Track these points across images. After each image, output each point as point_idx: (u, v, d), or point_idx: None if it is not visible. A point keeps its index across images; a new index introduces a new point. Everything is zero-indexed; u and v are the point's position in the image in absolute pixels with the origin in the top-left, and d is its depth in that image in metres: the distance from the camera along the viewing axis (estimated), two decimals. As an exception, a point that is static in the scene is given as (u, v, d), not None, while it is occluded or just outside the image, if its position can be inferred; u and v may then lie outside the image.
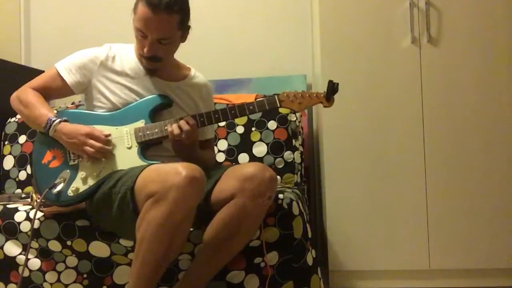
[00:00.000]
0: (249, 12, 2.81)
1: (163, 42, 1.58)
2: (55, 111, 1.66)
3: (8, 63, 2.52)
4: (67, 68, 1.67)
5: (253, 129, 2.26)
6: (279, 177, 2.16)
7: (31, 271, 1.67)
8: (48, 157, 1.62)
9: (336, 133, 2.20)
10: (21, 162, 2.31)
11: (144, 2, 1.52)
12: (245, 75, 2.72)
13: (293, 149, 2.23)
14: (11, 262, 1.68)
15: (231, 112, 1.61)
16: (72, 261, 1.66)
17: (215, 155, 2.03)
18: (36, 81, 1.70)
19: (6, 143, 2.37)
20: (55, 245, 1.63)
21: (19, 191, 2.28)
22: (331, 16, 2.22)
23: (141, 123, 1.62)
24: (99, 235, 1.60)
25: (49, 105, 1.68)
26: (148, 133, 1.60)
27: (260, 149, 2.23)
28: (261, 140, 2.24)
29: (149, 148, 1.63)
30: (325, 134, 2.21)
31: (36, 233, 1.62)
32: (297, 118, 2.29)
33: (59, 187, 1.55)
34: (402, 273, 2.17)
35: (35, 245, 1.65)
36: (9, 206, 1.75)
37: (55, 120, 1.58)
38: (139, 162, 1.56)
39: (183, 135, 1.55)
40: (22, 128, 2.35)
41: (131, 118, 1.63)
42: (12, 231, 1.67)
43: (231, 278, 1.59)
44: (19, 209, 1.71)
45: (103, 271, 1.64)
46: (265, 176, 1.44)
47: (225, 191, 1.47)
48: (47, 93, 1.69)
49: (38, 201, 1.57)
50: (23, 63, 2.89)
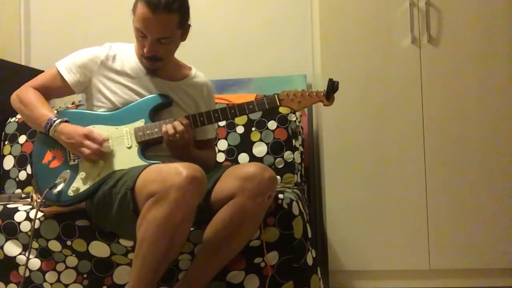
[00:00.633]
0: (249, 12, 2.81)
1: (163, 41, 1.58)
2: (55, 111, 1.66)
3: (8, 63, 2.52)
4: (68, 67, 1.67)
5: (253, 129, 2.26)
6: (279, 177, 2.16)
7: (31, 271, 1.66)
8: (48, 157, 1.62)
9: (336, 133, 2.20)
10: (21, 162, 2.31)
11: (143, 2, 1.52)
12: (245, 75, 2.72)
13: (293, 149, 2.23)
14: (11, 262, 1.67)
15: (231, 111, 1.60)
16: (72, 261, 1.65)
17: (216, 155, 2.03)
18: (36, 81, 1.70)
19: (6, 143, 2.36)
20: (55, 245, 1.63)
21: (19, 191, 2.28)
22: (331, 16, 2.22)
23: (141, 123, 1.62)
24: (99, 235, 1.59)
25: (50, 105, 1.68)
26: (148, 132, 1.60)
27: (260, 149, 2.23)
28: (261, 140, 2.24)
29: (149, 147, 1.63)
30: (325, 134, 2.21)
31: (36, 233, 1.62)
32: (297, 118, 2.29)
33: (60, 187, 1.55)
34: (402, 273, 2.17)
35: (35, 245, 1.65)
36: (9, 206, 1.75)
37: (55, 120, 1.58)
38: (139, 161, 1.56)
39: (177, 135, 1.55)
40: (22, 128, 2.35)
41: (131, 117, 1.63)
42: (12, 231, 1.67)
43: (231, 278, 1.59)
44: (19, 209, 1.71)
45: (103, 271, 1.64)
46: (265, 175, 1.45)
47: (225, 191, 1.47)
48: (48, 93, 1.69)
49: (38, 201, 1.57)
50: (23, 63, 2.89)
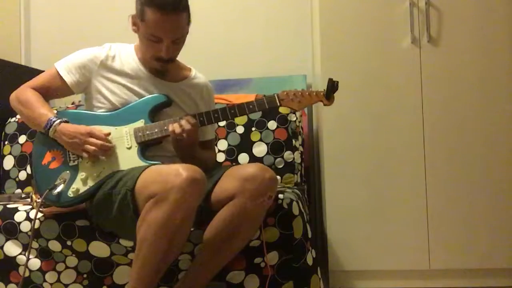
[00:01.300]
0: (249, 12, 2.81)
1: (177, 41, 1.59)
2: (55, 112, 1.66)
3: (8, 63, 2.52)
4: (67, 68, 1.67)
5: (253, 129, 2.26)
6: (279, 177, 2.16)
7: (31, 271, 1.67)
8: (48, 158, 1.61)
9: (336, 133, 2.20)
10: (21, 162, 2.31)
11: (153, 7, 1.52)
12: (245, 75, 2.72)
13: (293, 149, 2.23)
14: (11, 262, 1.67)
15: (231, 111, 1.60)
16: (72, 261, 1.66)
17: (216, 156, 2.03)
18: (35, 81, 1.69)
19: (6, 143, 2.36)
20: (55, 245, 1.63)
21: (19, 191, 2.28)
22: (331, 16, 2.22)
23: (140, 123, 1.62)
24: (99, 235, 1.59)
25: (49, 105, 1.68)
26: (147, 133, 1.60)
27: (260, 149, 2.23)
28: (261, 140, 2.24)
29: (148, 148, 1.62)
30: (325, 134, 2.21)
31: (36, 233, 1.62)
32: (297, 118, 2.29)
33: (59, 188, 1.55)
34: (402, 273, 2.17)
35: (35, 245, 1.65)
36: (9, 206, 1.75)
37: (55, 120, 1.58)
38: (139, 162, 1.56)
39: (184, 134, 1.55)
40: (22, 128, 2.35)
41: (130, 118, 1.63)
42: (12, 231, 1.67)
43: (231, 278, 1.59)
44: (19, 209, 1.71)
45: (103, 271, 1.64)
46: (265, 176, 1.45)
47: (225, 191, 1.47)
48: (47, 93, 1.68)
49: (38, 201, 1.57)
50: (23, 63, 2.89)
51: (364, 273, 2.19)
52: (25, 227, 1.66)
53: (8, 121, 2.41)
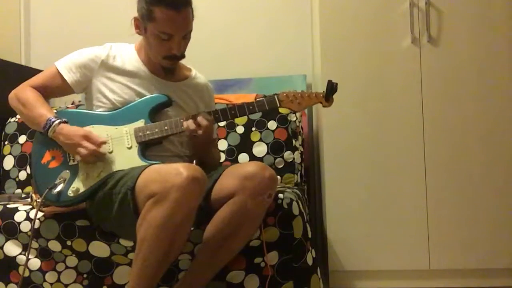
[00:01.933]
0: (249, 12, 2.81)
1: (187, 37, 1.60)
2: (54, 111, 1.65)
3: (8, 63, 2.52)
4: (68, 67, 1.67)
5: (253, 129, 2.26)
6: (279, 177, 2.16)
7: (31, 271, 1.66)
8: (47, 157, 1.61)
9: (336, 133, 2.20)
10: (21, 162, 2.31)
11: (162, 5, 1.52)
12: (245, 75, 2.72)
13: (293, 149, 2.23)
14: (11, 262, 1.67)
15: (231, 112, 1.61)
16: (72, 261, 1.65)
17: (220, 155, 2.04)
18: (35, 80, 1.69)
19: (6, 143, 2.36)
20: (55, 245, 1.63)
21: (19, 191, 2.28)
22: (331, 16, 2.22)
23: (141, 123, 1.62)
24: (99, 235, 1.59)
25: (49, 104, 1.67)
26: (148, 133, 1.60)
27: (260, 149, 2.23)
28: (261, 140, 2.24)
29: (149, 148, 1.62)
30: (325, 134, 2.21)
31: (36, 233, 1.62)
32: (297, 118, 2.29)
33: (59, 188, 1.55)
34: (402, 273, 2.17)
35: (35, 245, 1.65)
36: (9, 206, 1.74)
37: (54, 121, 1.57)
38: (139, 162, 1.55)
39: (200, 131, 1.55)
40: (22, 128, 2.35)
41: (131, 117, 1.62)
42: (12, 231, 1.67)
43: (231, 278, 1.59)
44: (19, 209, 1.70)
45: (103, 271, 1.64)
46: (265, 174, 1.45)
47: (225, 190, 1.47)
48: (47, 92, 1.68)
49: (38, 201, 1.57)
50: (23, 63, 2.89)
51: (364, 273, 2.19)
52: (25, 227, 1.65)
53: (8, 121, 2.41)
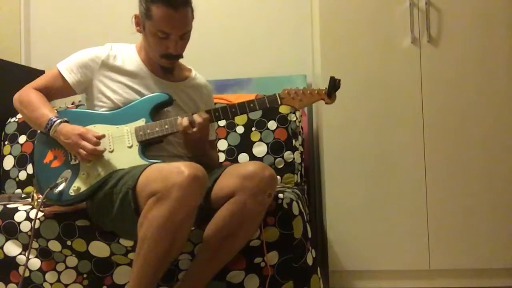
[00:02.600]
0: (249, 12, 2.82)
1: (185, 36, 1.60)
2: (55, 111, 1.66)
3: (8, 63, 2.52)
4: (69, 68, 1.67)
5: (253, 129, 2.26)
6: (279, 177, 2.16)
7: (31, 271, 1.66)
8: (49, 157, 1.62)
9: (336, 133, 2.20)
10: (21, 162, 2.31)
11: (159, 3, 1.52)
12: (245, 75, 2.72)
13: (293, 149, 2.23)
14: (11, 262, 1.67)
15: (232, 110, 1.60)
16: (72, 261, 1.65)
17: (218, 156, 2.03)
18: (38, 82, 1.70)
19: (6, 143, 2.37)
20: (55, 245, 1.63)
21: (19, 191, 2.28)
22: (331, 16, 2.22)
23: (141, 122, 1.62)
24: (99, 235, 1.59)
25: (51, 105, 1.68)
26: (148, 132, 1.60)
27: (260, 149, 2.23)
28: (261, 140, 2.24)
29: (149, 147, 1.62)
30: (325, 134, 2.21)
31: (36, 233, 1.62)
32: (297, 118, 2.29)
33: (61, 187, 1.55)
34: (402, 273, 2.17)
35: (35, 245, 1.65)
36: (9, 206, 1.74)
37: (55, 120, 1.58)
38: (140, 161, 1.56)
39: (195, 129, 1.55)
40: (22, 128, 2.36)
41: (131, 117, 1.63)
42: (12, 231, 1.67)
43: (231, 278, 1.59)
44: (19, 209, 1.71)
45: (103, 271, 1.64)
46: (265, 174, 1.45)
47: (225, 189, 1.47)
48: (49, 93, 1.69)
49: (39, 200, 1.57)
50: (23, 63, 2.89)
51: (364, 273, 2.19)
52: (25, 227, 1.65)
53: (8, 121, 2.41)
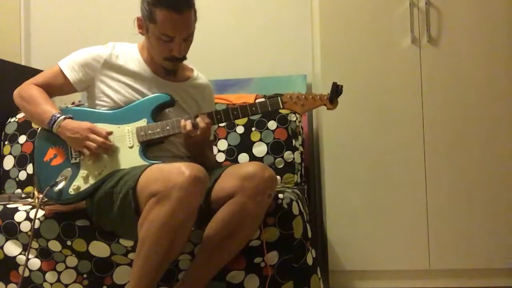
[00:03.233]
0: (249, 12, 2.81)
1: (188, 39, 1.60)
2: (58, 108, 1.65)
3: (8, 63, 2.51)
4: (70, 66, 1.67)
5: (253, 129, 2.26)
6: (279, 177, 2.16)
7: (31, 271, 1.66)
8: (50, 155, 1.62)
9: (336, 133, 2.20)
10: (21, 162, 2.31)
11: (163, 7, 1.52)
12: (245, 75, 2.72)
13: (293, 149, 2.23)
14: (11, 262, 1.67)
15: (233, 113, 1.60)
16: (72, 261, 1.65)
17: (215, 157, 2.04)
18: (38, 78, 1.69)
19: (6, 143, 2.36)
20: (55, 245, 1.63)
21: (19, 191, 2.28)
22: (331, 16, 2.22)
23: (143, 122, 1.62)
24: (99, 235, 1.59)
25: (53, 102, 1.67)
26: (150, 132, 1.60)
27: (260, 149, 2.23)
28: (261, 140, 2.24)
29: (150, 147, 1.63)
30: (325, 134, 2.21)
31: (36, 233, 1.62)
32: (297, 118, 2.29)
33: (60, 185, 1.55)
34: (402, 273, 2.17)
35: (35, 245, 1.65)
36: (9, 206, 1.74)
37: (59, 116, 1.58)
38: (141, 161, 1.56)
39: (198, 131, 1.55)
40: (22, 128, 2.35)
41: (133, 117, 1.63)
42: (12, 231, 1.67)
43: (231, 278, 1.59)
44: (19, 209, 1.70)
45: (103, 271, 1.64)
46: (265, 175, 1.45)
47: (225, 190, 1.47)
48: (49, 90, 1.68)
49: (39, 198, 1.57)
50: (23, 63, 2.89)
51: (364, 273, 2.19)
52: (25, 227, 1.65)
53: (8, 121, 2.41)
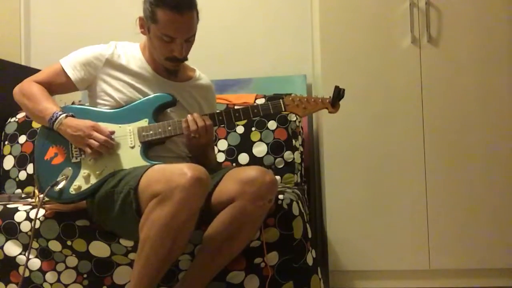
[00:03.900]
0: (249, 12, 2.82)
1: (190, 40, 1.60)
2: (59, 106, 1.64)
3: (8, 63, 2.51)
4: (72, 64, 1.67)
5: (253, 129, 2.26)
6: (279, 177, 2.16)
7: (31, 271, 1.66)
8: (50, 153, 1.61)
9: (336, 133, 2.20)
10: (21, 162, 2.31)
11: (165, 7, 1.51)
12: (245, 75, 2.72)
13: (293, 149, 2.23)
14: (11, 262, 1.67)
15: (235, 115, 1.60)
16: (72, 261, 1.65)
17: (216, 156, 2.03)
18: (39, 76, 1.69)
19: (6, 143, 2.36)
20: (55, 245, 1.63)
21: (19, 191, 2.28)
22: (331, 16, 2.22)
23: (144, 122, 1.62)
24: (99, 235, 1.59)
25: (54, 100, 1.67)
26: (151, 132, 1.60)
27: (260, 149, 2.23)
28: (261, 140, 2.24)
29: (151, 148, 1.62)
30: (325, 134, 2.21)
31: (36, 233, 1.62)
32: (297, 118, 2.29)
33: (61, 185, 1.55)
34: (402, 273, 2.17)
35: (35, 245, 1.65)
36: (9, 206, 1.74)
37: (61, 114, 1.57)
38: (142, 162, 1.55)
39: (201, 133, 1.55)
40: (22, 128, 2.35)
41: (134, 116, 1.62)
42: (12, 231, 1.67)
43: (231, 278, 1.59)
44: (19, 209, 1.70)
45: (103, 271, 1.64)
46: (266, 179, 1.44)
47: (225, 194, 1.47)
48: (50, 88, 1.68)
49: (40, 197, 1.57)
50: (23, 63, 2.89)
51: (364, 273, 2.19)
52: (25, 227, 1.65)
53: (8, 121, 2.41)
